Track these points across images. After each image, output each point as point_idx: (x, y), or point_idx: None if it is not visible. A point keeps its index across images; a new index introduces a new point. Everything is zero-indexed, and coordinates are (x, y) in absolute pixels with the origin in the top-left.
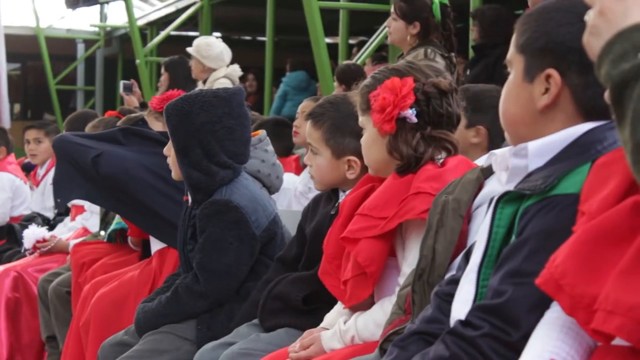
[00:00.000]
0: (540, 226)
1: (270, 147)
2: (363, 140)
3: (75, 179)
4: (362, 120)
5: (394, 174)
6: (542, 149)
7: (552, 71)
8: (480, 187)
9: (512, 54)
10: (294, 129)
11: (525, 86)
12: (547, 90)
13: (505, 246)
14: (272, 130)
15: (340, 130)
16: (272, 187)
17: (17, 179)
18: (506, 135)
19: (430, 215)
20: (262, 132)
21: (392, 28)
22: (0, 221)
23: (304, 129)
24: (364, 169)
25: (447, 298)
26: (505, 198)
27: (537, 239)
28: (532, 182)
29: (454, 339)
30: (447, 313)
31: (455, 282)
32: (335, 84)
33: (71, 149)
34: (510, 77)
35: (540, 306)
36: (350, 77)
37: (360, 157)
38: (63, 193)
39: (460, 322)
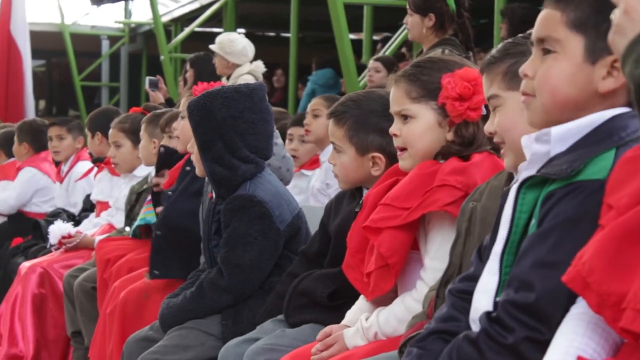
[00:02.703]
0: (565, 213)
1: (280, 140)
2: (413, 129)
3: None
4: (412, 108)
5: (421, 164)
6: (565, 134)
7: None
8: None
9: (562, 32)
10: (304, 127)
11: (584, 67)
12: (608, 73)
13: (527, 232)
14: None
15: (364, 126)
16: (283, 180)
17: (44, 177)
18: (530, 116)
19: (458, 222)
20: None
21: (409, 24)
22: (8, 211)
23: (314, 127)
24: (389, 165)
25: (460, 295)
26: (528, 183)
27: (563, 228)
28: (556, 166)
29: (489, 343)
30: (461, 310)
31: (468, 279)
32: None
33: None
34: (559, 56)
35: (570, 299)
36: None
37: (384, 153)
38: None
39: (489, 318)
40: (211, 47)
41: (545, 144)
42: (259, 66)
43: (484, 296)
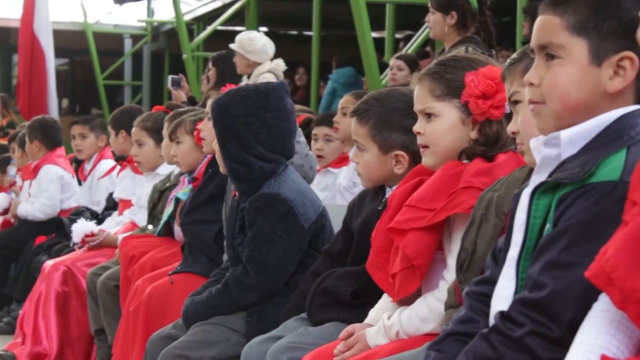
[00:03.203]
0: (578, 215)
1: (303, 139)
2: (436, 127)
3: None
4: (436, 106)
5: (445, 165)
6: (574, 137)
7: (629, 54)
8: None
9: (564, 37)
10: (334, 124)
11: (590, 70)
12: (615, 73)
13: (542, 237)
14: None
15: (387, 125)
16: (306, 178)
17: (65, 172)
18: (540, 123)
19: (474, 210)
20: None
21: (431, 22)
22: (50, 212)
23: (344, 125)
24: (412, 163)
25: (478, 297)
26: (542, 188)
27: (576, 230)
28: (568, 170)
29: (499, 338)
30: (479, 312)
31: (485, 281)
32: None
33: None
34: (564, 62)
35: (582, 298)
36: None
37: (408, 151)
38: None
39: (501, 316)
40: (231, 45)
41: (555, 148)
42: (280, 64)
43: (502, 302)
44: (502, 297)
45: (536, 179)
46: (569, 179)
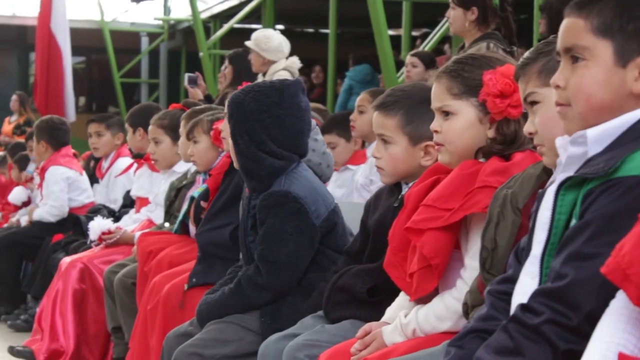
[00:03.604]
0: (602, 208)
1: (320, 137)
2: (453, 125)
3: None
4: (453, 104)
5: (462, 164)
6: (601, 135)
7: None
8: (542, 183)
9: (589, 40)
10: (350, 122)
11: (616, 71)
12: None
13: None
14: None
15: (417, 115)
16: (323, 176)
17: (70, 171)
18: (567, 125)
19: (490, 207)
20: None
21: (452, 17)
22: (58, 214)
23: (360, 123)
24: None
25: (500, 296)
26: (567, 184)
27: (599, 222)
28: (593, 166)
29: (516, 327)
30: (501, 311)
31: (507, 280)
32: None
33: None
34: (589, 63)
35: (602, 289)
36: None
37: None
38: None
39: (521, 307)
40: (247, 43)
41: (581, 146)
42: (295, 62)
43: (523, 298)
44: (524, 293)
45: (561, 176)
46: (594, 173)
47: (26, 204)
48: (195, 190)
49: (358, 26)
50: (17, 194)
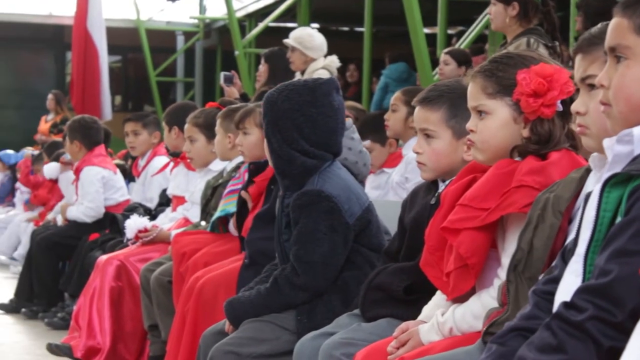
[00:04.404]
0: None
1: (357, 135)
2: (488, 125)
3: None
4: (488, 103)
5: (498, 163)
6: None
7: None
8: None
9: (631, 39)
10: (385, 121)
11: None
12: None
13: None
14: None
15: (461, 110)
16: (359, 175)
17: (104, 170)
18: (611, 125)
19: (531, 211)
20: (348, 120)
21: (493, 14)
22: (94, 215)
23: (393, 121)
24: None
25: (544, 296)
26: (612, 181)
27: None
28: (639, 163)
29: (559, 324)
30: (545, 310)
31: (552, 281)
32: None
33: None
34: (630, 63)
35: None
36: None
37: None
38: None
39: (565, 304)
40: (288, 41)
41: (628, 145)
42: (334, 61)
43: (566, 296)
44: (568, 291)
45: (607, 174)
46: (639, 170)
47: (54, 182)
48: (235, 194)
49: (393, 24)
50: (51, 168)
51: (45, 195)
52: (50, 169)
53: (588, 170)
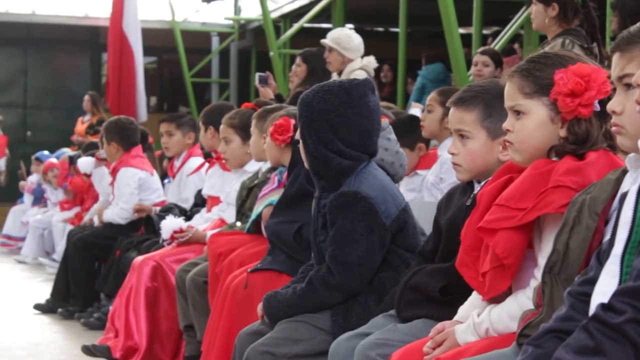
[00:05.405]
0: None
1: (393, 136)
2: (526, 125)
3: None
4: (525, 103)
5: (535, 163)
6: None
7: None
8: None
9: None
10: (420, 122)
11: None
12: None
13: None
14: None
15: (495, 110)
16: (396, 176)
17: (141, 172)
18: None
19: (567, 213)
20: (384, 121)
21: (533, 13)
22: (128, 217)
23: (429, 122)
24: None
25: (580, 297)
26: None
27: None
28: None
29: (597, 326)
30: (581, 311)
31: (588, 282)
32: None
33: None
34: None
35: None
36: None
37: None
38: None
39: (602, 306)
40: (326, 42)
41: None
42: (371, 62)
43: (603, 298)
44: (604, 293)
45: None
46: None
47: (87, 177)
48: (270, 193)
49: (428, 25)
50: (86, 162)
51: (82, 183)
52: (84, 163)
53: (624, 171)
